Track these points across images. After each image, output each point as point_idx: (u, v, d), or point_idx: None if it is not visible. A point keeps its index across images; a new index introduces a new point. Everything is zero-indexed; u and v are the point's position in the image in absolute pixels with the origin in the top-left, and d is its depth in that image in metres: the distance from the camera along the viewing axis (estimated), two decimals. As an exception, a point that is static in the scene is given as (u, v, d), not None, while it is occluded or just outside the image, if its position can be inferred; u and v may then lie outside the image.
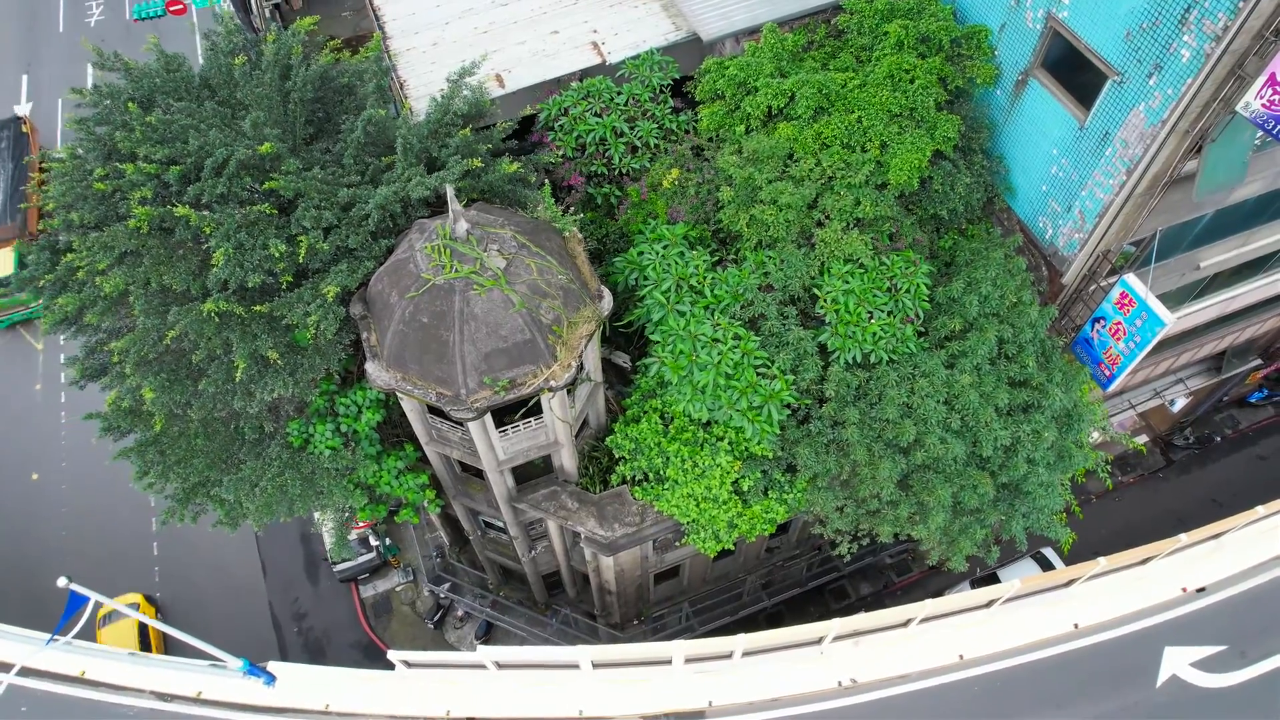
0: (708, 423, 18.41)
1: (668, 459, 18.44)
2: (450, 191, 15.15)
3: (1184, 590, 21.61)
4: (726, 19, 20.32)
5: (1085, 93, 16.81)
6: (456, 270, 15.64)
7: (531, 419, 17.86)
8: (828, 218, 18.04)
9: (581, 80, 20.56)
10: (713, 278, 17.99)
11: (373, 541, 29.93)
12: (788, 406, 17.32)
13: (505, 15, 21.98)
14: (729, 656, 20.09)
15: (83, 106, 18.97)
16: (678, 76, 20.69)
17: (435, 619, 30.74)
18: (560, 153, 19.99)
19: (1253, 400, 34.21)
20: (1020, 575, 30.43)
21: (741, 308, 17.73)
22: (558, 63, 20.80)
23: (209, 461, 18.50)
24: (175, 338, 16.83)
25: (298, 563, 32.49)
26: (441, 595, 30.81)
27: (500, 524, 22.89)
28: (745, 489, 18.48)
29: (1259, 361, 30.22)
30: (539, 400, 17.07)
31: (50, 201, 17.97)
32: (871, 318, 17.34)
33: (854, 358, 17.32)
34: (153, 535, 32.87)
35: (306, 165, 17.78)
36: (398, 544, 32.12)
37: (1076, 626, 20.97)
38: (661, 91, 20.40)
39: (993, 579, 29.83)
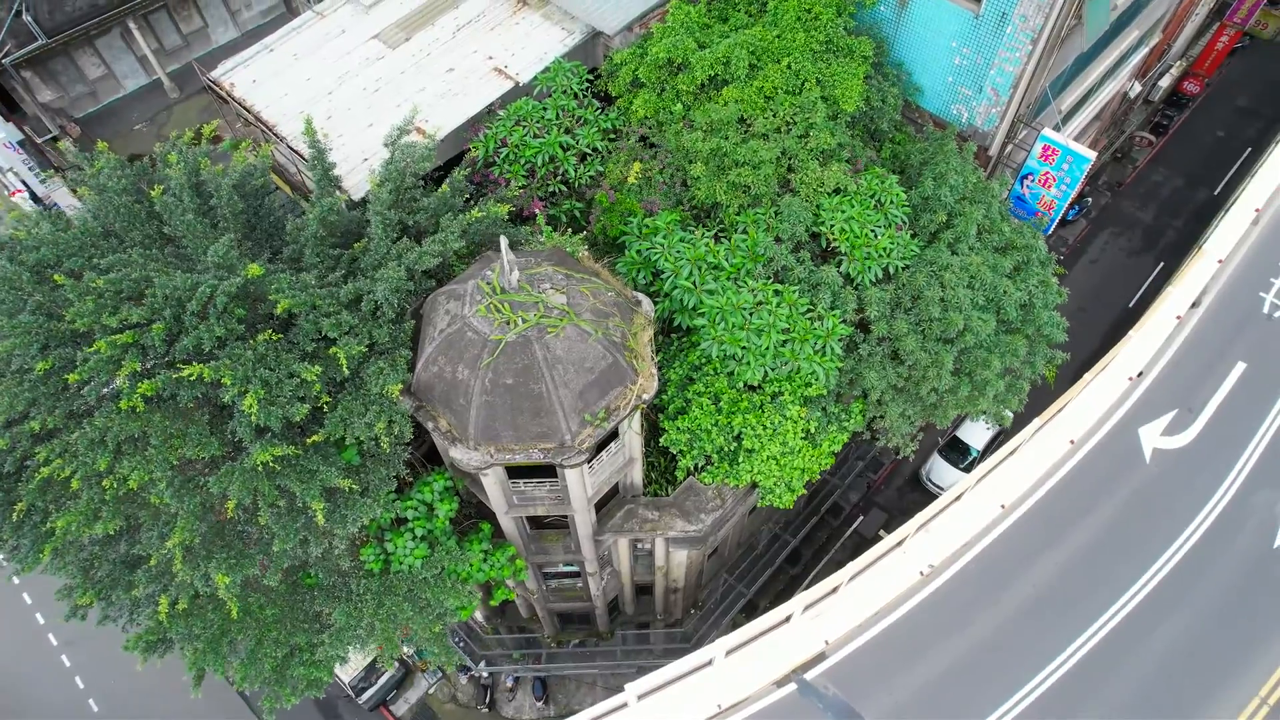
0: (755, 386, 18.96)
1: (737, 433, 18.80)
2: (504, 243, 14.44)
3: (1130, 379, 25.09)
4: (622, 9, 20.56)
5: (973, -15, 18.94)
6: (524, 320, 14.97)
7: (611, 443, 17.53)
8: (798, 161, 19.01)
9: (503, 108, 20.00)
10: (724, 250, 18.45)
11: (407, 651, 27.71)
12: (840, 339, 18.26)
13: (387, 68, 20.79)
14: (836, 590, 20.97)
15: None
16: (591, 78, 20.71)
17: (486, 701, 29.14)
18: (517, 185, 19.42)
19: (1070, 218, 39.93)
20: (972, 428, 33.83)
21: (762, 267, 18.36)
22: (472, 98, 20.08)
23: (289, 628, 16.46)
24: (224, 504, 14.78)
25: (311, 714, 29.38)
26: (483, 676, 29.28)
27: (570, 569, 22.21)
28: (813, 430, 19.30)
29: (1075, 182, 35.35)
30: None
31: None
32: (877, 235, 18.63)
33: (875, 275, 18.56)
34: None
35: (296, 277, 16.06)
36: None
37: (1073, 443, 23.77)
38: (585, 95, 20.34)
39: (955, 441, 32.88)
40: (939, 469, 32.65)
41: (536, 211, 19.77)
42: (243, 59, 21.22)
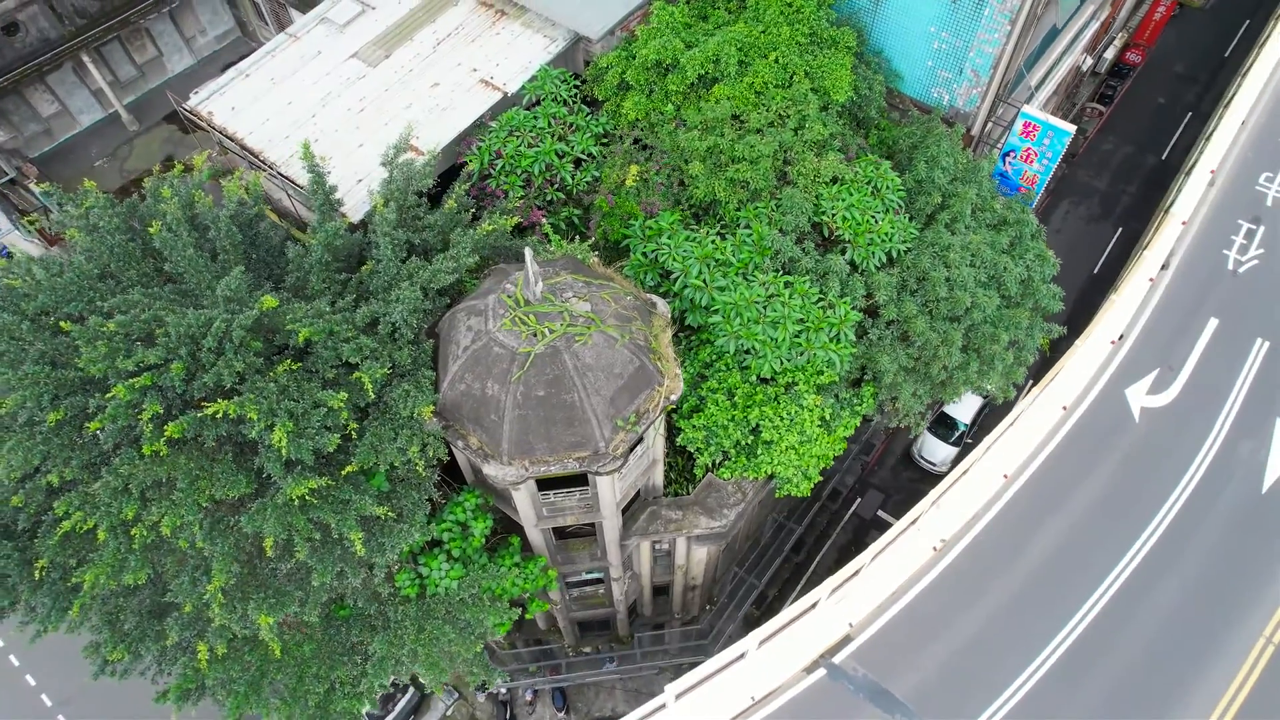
0: (768, 378, 19.13)
1: (754, 426, 18.93)
2: (529, 254, 14.34)
3: (1112, 343, 25.88)
4: (604, 13, 20.53)
5: (949, -29, 19.37)
6: (551, 331, 14.90)
7: (638, 446, 17.53)
8: (794, 153, 19.23)
9: (494, 119, 19.84)
10: (730, 245, 18.57)
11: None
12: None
13: (370, 86, 20.45)
14: (859, 573, 21.25)
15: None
16: (578, 84, 20.66)
17: (507, 716, 28.89)
18: (516, 195, 19.28)
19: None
20: (959, 403, 34.56)
21: (770, 260, 18.53)
22: (461, 112, 19.87)
23: (329, 662, 16.14)
24: (255, 543, 14.42)
25: (327, 750, 28.75)
26: (500, 692, 29.04)
27: (592, 575, 22.15)
28: (829, 417, 19.54)
29: (1034, 156, 36.36)
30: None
31: (-5, 476, 14.39)
32: (877, 221, 18.95)
33: (879, 260, 18.88)
34: None
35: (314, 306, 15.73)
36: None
37: (1065, 408, 24.42)
38: (574, 101, 20.30)
39: (943, 417, 33.58)
40: (930, 445, 33.34)
41: (541, 220, 19.67)
42: (218, 86, 20.68)
